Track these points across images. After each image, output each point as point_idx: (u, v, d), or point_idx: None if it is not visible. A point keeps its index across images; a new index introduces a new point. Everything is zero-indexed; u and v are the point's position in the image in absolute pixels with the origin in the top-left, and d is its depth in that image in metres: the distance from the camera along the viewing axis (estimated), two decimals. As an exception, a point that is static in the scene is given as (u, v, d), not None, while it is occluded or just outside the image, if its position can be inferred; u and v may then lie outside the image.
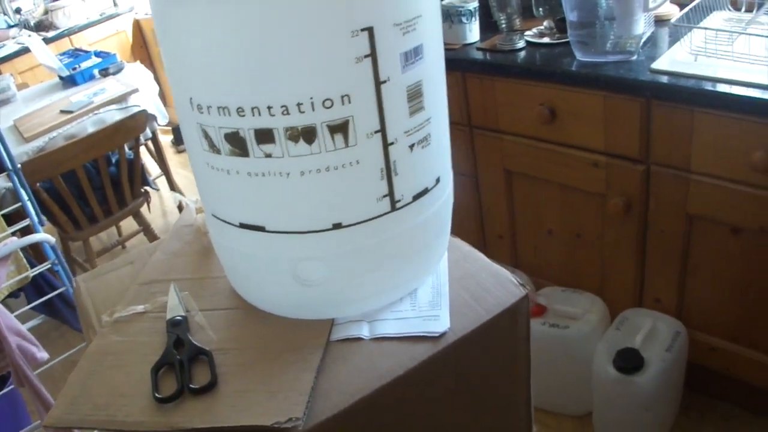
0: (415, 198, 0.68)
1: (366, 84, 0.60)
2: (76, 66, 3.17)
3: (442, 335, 0.69)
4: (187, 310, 0.78)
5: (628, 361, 1.60)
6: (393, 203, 0.66)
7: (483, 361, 0.74)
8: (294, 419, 0.61)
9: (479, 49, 1.86)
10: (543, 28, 1.85)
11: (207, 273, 0.84)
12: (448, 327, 0.70)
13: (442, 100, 0.70)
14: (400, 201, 0.67)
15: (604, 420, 1.77)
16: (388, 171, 0.64)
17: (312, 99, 0.58)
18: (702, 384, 1.85)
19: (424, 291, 0.76)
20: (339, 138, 0.60)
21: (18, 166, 1.76)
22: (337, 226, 0.65)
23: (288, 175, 0.62)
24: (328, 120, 0.59)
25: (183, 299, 0.79)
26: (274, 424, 0.60)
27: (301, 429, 0.60)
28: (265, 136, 0.60)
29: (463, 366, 0.72)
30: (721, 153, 1.46)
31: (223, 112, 0.60)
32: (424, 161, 0.68)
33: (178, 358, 0.70)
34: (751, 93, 1.37)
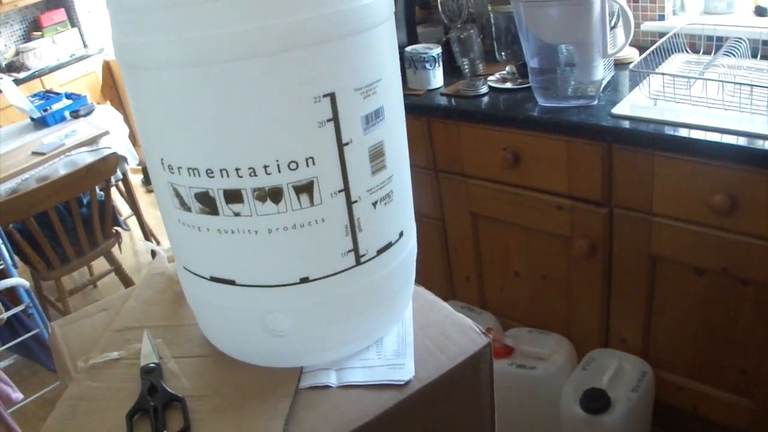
0: (379, 252, 0.71)
1: (329, 146, 0.62)
2: (48, 108, 3.18)
3: (408, 383, 0.71)
4: (160, 357, 0.79)
5: (595, 401, 1.61)
6: (358, 258, 0.69)
7: (448, 407, 0.77)
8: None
9: (443, 94, 1.90)
10: (505, 73, 1.89)
11: (179, 320, 0.86)
12: (413, 375, 0.72)
13: (404, 158, 0.74)
14: (364, 255, 0.69)
15: (574, 459, 1.78)
16: (353, 227, 0.67)
17: (278, 161, 0.61)
18: (669, 423, 1.85)
19: (390, 340, 0.78)
20: (304, 198, 0.63)
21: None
22: (305, 280, 0.68)
23: (256, 232, 0.64)
24: (294, 181, 0.62)
25: (156, 346, 0.81)
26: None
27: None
28: (233, 196, 0.63)
29: (429, 413, 0.74)
30: (682, 196, 1.48)
31: (193, 173, 0.63)
32: (387, 217, 0.71)
33: (152, 404, 0.71)
34: (709, 137, 1.39)
